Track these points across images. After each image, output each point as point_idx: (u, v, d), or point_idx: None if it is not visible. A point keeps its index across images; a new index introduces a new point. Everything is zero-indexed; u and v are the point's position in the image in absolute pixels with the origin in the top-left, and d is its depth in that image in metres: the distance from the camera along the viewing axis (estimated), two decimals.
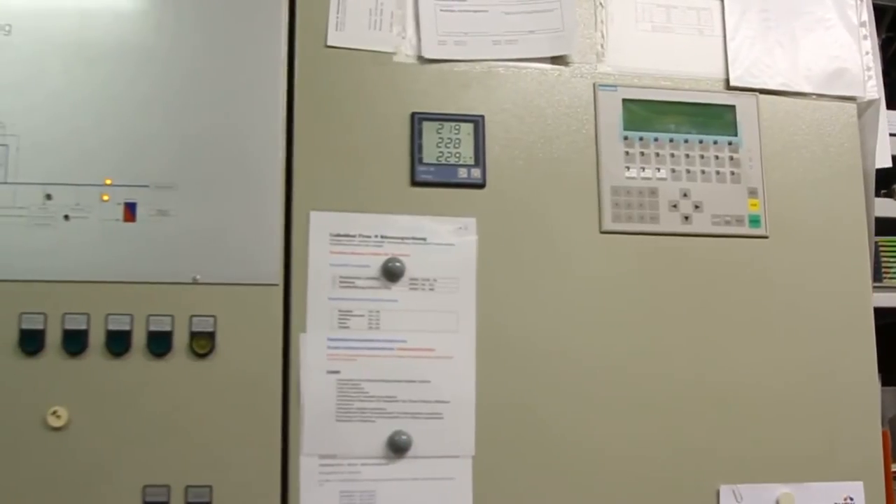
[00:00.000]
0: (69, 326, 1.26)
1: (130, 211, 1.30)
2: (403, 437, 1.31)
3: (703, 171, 1.48)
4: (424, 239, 1.37)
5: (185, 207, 1.31)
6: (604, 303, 1.42)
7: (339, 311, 1.33)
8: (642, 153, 1.47)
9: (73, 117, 1.31)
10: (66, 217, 1.29)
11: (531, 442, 1.36)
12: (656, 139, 1.48)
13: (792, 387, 1.47)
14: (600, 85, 1.48)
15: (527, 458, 1.36)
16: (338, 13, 1.41)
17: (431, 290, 1.36)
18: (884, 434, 1.54)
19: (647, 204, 1.45)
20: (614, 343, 1.41)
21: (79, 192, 1.30)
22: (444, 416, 1.33)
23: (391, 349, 1.33)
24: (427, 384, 1.33)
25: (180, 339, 1.28)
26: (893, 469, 1.77)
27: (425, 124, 1.40)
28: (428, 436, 1.32)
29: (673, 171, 1.47)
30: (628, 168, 1.46)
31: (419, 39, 1.44)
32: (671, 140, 1.48)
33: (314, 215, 1.35)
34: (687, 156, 1.48)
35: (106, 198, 1.30)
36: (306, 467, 1.29)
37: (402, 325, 1.34)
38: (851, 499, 1.47)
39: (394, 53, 1.43)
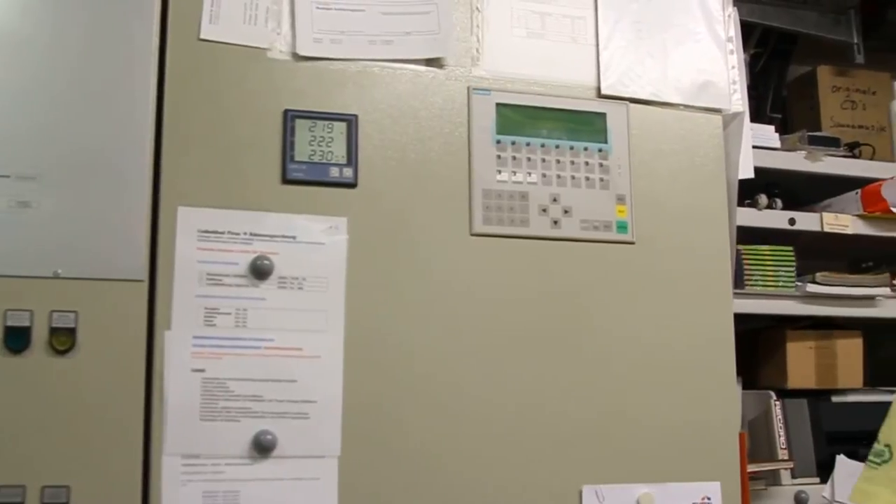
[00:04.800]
0: None
1: None
2: (268, 437, 1.34)
3: (573, 177, 1.56)
4: (294, 237, 1.40)
5: (47, 199, 1.32)
6: (472, 304, 1.48)
7: (206, 308, 1.35)
8: (514, 157, 1.53)
9: None
10: None
11: (397, 443, 1.42)
12: (528, 144, 1.55)
13: (653, 389, 1.56)
14: (474, 88, 1.54)
15: (392, 458, 1.41)
16: (212, 6, 1.43)
17: (300, 289, 1.39)
18: (741, 436, 1.64)
19: (517, 207, 1.52)
20: (481, 344, 1.48)
21: None
22: (310, 415, 1.37)
23: (258, 348, 1.37)
24: (294, 384, 1.37)
25: (39, 335, 1.29)
26: (749, 470, 1.89)
27: (298, 122, 1.43)
28: (294, 435, 1.36)
29: (544, 175, 1.55)
30: (500, 172, 1.52)
31: (294, 36, 1.47)
32: (543, 145, 1.55)
33: (182, 211, 1.37)
34: (558, 161, 1.56)
35: None
36: (168, 467, 1.31)
37: (270, 323, 1.38)
38: (709, 498, 1.56)
39: (268, 49, 1.46)
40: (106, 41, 1.37)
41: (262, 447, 1.34)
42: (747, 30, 2.46)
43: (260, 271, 1.37)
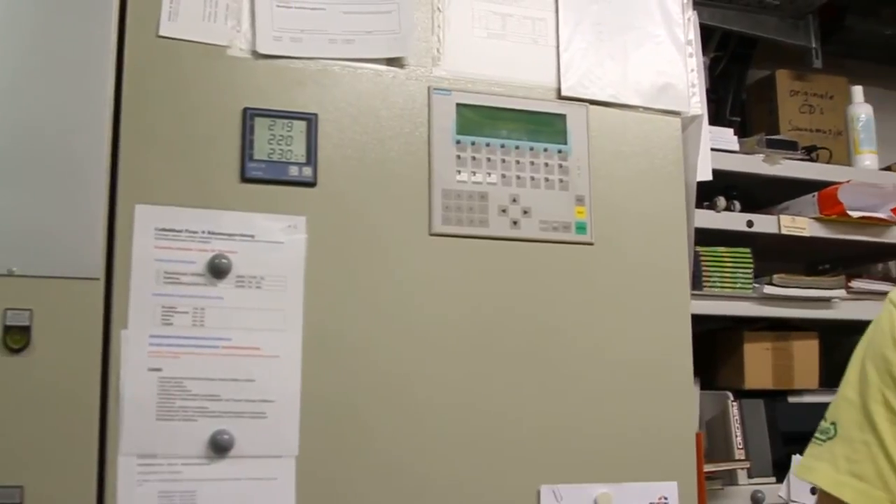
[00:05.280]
0: None
1: None
2: (226, 437, 1.34)
3: (532, 178, 1.57)
4: (253, 236, 1.40)
5: (1, 196, 1.30)
6: (431, 304, 1.49)
7: (163, 307, 1.35)
8: (474, 158, 1.54)
9: None
10: None
11: (356, 442, 1.42)
12: (488, 144, 1.56)
13: (612, 390, 1.58)
14: (435, 89, 1.55)
15: (351, 458, 1.41)
16: (171, 3, 1.43)
17: (259, 288, 1.39)
18: (697, 436, 1.66)
19: (476, 208, 1.53)
20: (440, 344, 1.49)
21: None
22: (268, 415, 1.37)
23: (216, 347, 1.36)
24: (252, 383, 1.37)
25: None
26: (706, 470, 1.91)
27: (257, 120, 1.43)
28: (251, 435, 1.36)
29: (503, 176, 1.56)
30: (459, 172, 1.53)
31: (254, 34, 1.47)
32: (503, 146, 1.56)
33: (139, 208, 1.36)
34: (517, 162, 1.57)
35: None
36: (124, 467, 1.31)
37: (228, 322, 1.37)
38: (666, 498, 1.58)
39: (228, 47, 1.46)
40: (63, 37, 1.37)
41: (220, 447, 1.34)
42: (707, 33, 2.49)
43: (218, 270, 1.37)
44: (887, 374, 1.03)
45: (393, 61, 1.53)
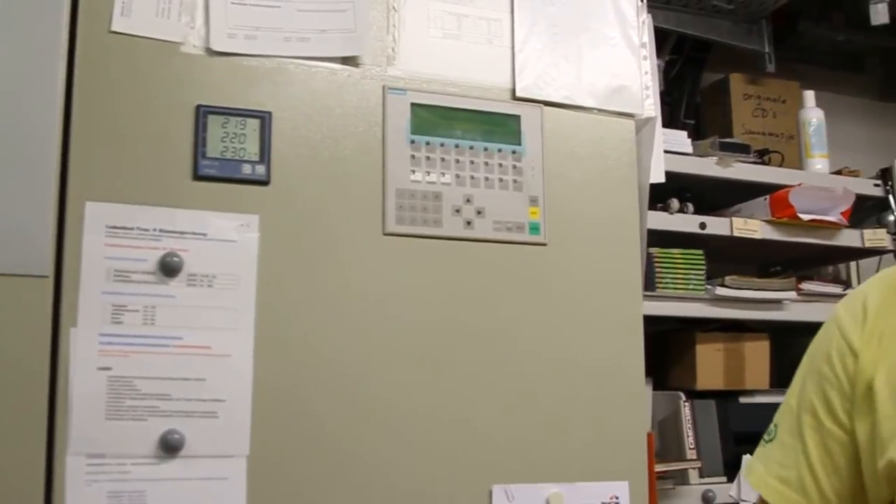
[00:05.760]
0: None
1: None
2: (176, 437, 1.33)
3: (486, 178, 1.58)
4: (205, 234, 1.39)
5: None
6: (385, 303, 1.49)
7: (113, 305, 1.34)
8: (428, 157, 1.54)
9: None
10: None
11: (308, 442, 1.42)
12: (442, 144, 1.56)
13: (564, 389, 1.58)
14: (390, 88, 1.55)
15: (303, 458, 1.41)
16: None
17: (210, 286, 1.38)
18: (649, 436, 1.67)
19: (430, 208, 1.53)
20: (393, 343, 1.49)
21: None
22: (219, 414, 1.37)
23: (167, 346, 1.35)
24: (203, 382, 1.36)
25: None
26: (657, 470, 1.93)
27: (210, 118, 1.42)
28: (202, 435, 1.35)
29: (457, 176, 1.56)
30: (414, 171, 1.53)
31: (208, 31, 1.46)
32: (457, 146, 1.57)
33: (90, 206, 1.35)
34: (472, 162, 1.57)
35: None
36: (72, 467, 1.29)
37: (179, 321, 1.36)
38: (617, 498, 1.59)
39: (181, 44, 1.44)
40: (13, 31, 1.35)
41: (170, 447, 1.33)
42: (663, 36, 2.52)
43: (169, 268, 1.36)
44: (821, 389, 1.05)
45: (348, 60, 1.53)
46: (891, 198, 2.62)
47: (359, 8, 1.53)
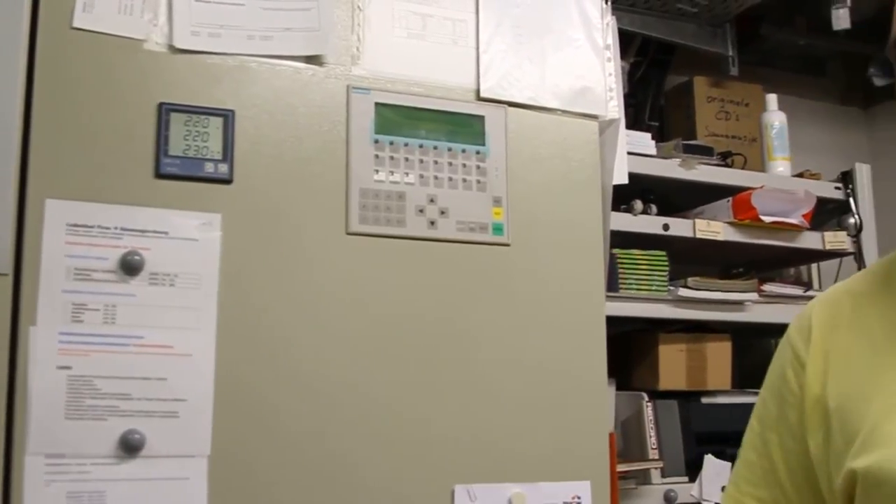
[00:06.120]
0: None
1: None
2: (136, 436, 1.33)
3: (450, 179, 1.58)
4: (167, 233, 1.39)
5: None
6: (348, 303, 1.49)
7: (73, 304, 1.33)
8: (392, 157, 1.55)
9: None
10: None
11: (269, 441, 1.41)
12: (406, 144, 1.56)
13: (527, 390, 1.59)
14: (354, 87, 1.55)
15: (264, 457, 1.41)
16: None
17: (172, 285, 1.38)
18: (611, 436, 1.69)
19: (394, 207, 1.53)
20: (356, 343, 1.49)
21: None
22: (180, 414, 1.36)
23: (127, 345, 1.35)
24: (164, 382, 1.36)
25: None
26: (619, 469, 1.94)
27: (173, 115, 1.42)
28: (163, 435, 1.35)
29: (421, 176, 1.56)
30: (377, 171, 1.53)
31: (171, 28, 1.45)
32: (421, 146, 1.57)
33: (50, 203, 1.34)
34: (436, 162, 1.58)
35: None
36: (31, 467, 1.28)
37: (140, 320, 1.36)
38: (579, 497, 1.60)
39: (144, 41, 1.44)
40: None
41: (130, 446, 1.32)
42: (627, 39, 2.53)
43: (130, 267, 1.35)
44: (781, 409, 1.07)
45: (312, 59, 1.53)
46: (851, 201, 2.65)
47: (323, 7, 1.53)
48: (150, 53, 1.44)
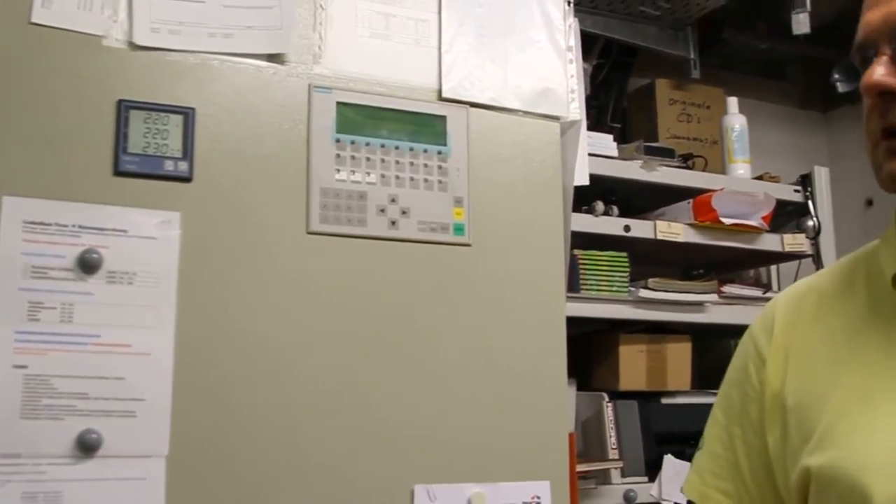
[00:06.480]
0: None
1: None
2: (93, 436, 1.32)
3: (411, 178, 1.58)
4: (125, 231, 1.38)
5: None
6: (309, 302, 1.49)
7: (29, 302, 1.32)
8: (353, 157, 1.54)
9: None
10: None
11: (228, 441, 1.41)
12: (368, 144, 1.56)
13: (487, 390, 1.60)
14: (315, 86, 1.54)
15: (223, 457, 1.40)
16: None
17: (130, 284, 1.37)
18: (570, 436, 1.69)
19: (355, 207, 1.53)
20: (316, 342, 1.48)
21: None
22: (137, 414, 1.35)
23: (84, 344, 1.34)
24: (122, 381, 1.35)
25: None
26: (579, 469, 1.95)
27: (132, 113, 1.41)
28: (120, 434, 1.34)
29: (383, 176, 1.56)
30: (339, 171, 1.53)
31: (131, 25, 1.44)
32: (382, 146, 1.57)
33: (7, 200, 1.33)
34: (397, 162, 1.58)
35: None
36: None
37: (98, 319, 1.35)
38: (539, 497, 1.61)
39: (103, 37, 1.43)
40: None
41: (87, 446, 1.31)
42: (590, 41, 2.55)
43: (88, 265, 1.34)
44: (743, 404, 1.08)
45: (273, 57, 1.52)
46: (810, 203, 2.69)
47: (285, 5, 1.53)
48: (109, 50, 1.43)
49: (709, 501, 1.09)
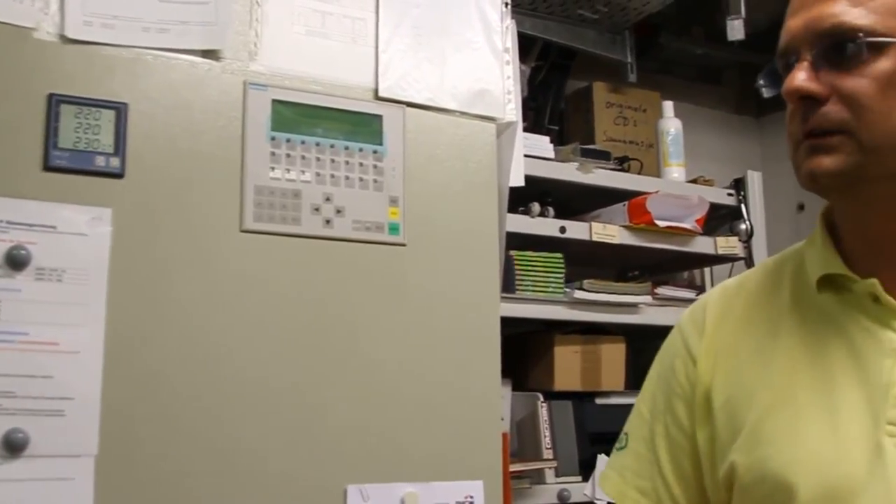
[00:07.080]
0: None
1: None
2: (20, 436, 1.30)
3: (347, 177, 1.58)
4: (55, 227, 1.36)
5: None
6: (242, 301, 1.48)
7: None
8: (288, 155, 1.54)
9: None
10: None
11: (158, 441, 1.40)
12: (303, 142, 1.56)
13: (420, 389, 1.60)
14: (251, 83, 1.54)
15: (153, 457, 1.39)
16: None
17: (60, 281, 1.35)
18: (504, 436, 1.71)
19: (289, 205, 1.53)
20: (250, 342, 1.48)
21: None
22: (66, 413, 1.34)
23: (11, 342, 1.32)
24: (49, 380, 1.33)
25: None
26: (513, 469, 1.96)
27: (63, 107, 1.39)
28: (48, 434, 1.32)
29: (318, 174, 1.56)
30: (273, 169, 1.53)
31: (63, 17, 1.42)
32: (318, 144, 1.57)
33: None
34: (332, 161, 1.58)
35: None
36: None
37: (25, 316, 1.33)
38: (472, 497, 1.62)
39: (34, 29, 1.41)
40: None
41: (13, 446, 1.30)
42: (528, 42, 2.56)
43: (16, 261, 1.32)
44: (669, 400, 1.10)
45: (208, 53, 1.52)
46: (743, 207, 2.74)
47: (221, 1, 1.52)
48: (40, 43, 1.41)
49: (626, 500, 1.11)
